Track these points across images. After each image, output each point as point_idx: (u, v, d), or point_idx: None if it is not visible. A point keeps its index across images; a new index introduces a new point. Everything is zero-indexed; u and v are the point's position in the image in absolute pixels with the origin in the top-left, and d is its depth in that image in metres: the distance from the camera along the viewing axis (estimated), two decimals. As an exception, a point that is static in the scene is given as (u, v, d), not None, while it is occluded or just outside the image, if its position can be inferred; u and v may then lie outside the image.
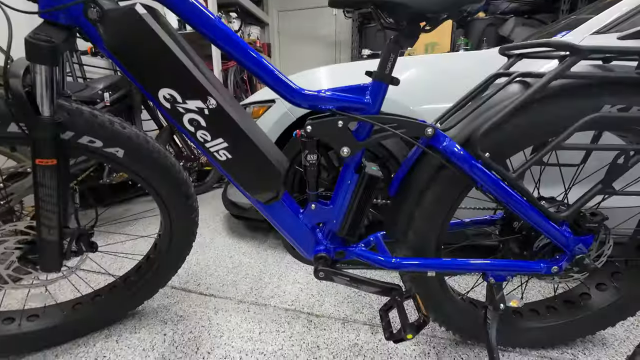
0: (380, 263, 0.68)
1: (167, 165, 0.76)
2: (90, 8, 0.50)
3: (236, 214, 1.48)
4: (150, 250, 0.91)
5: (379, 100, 0.59)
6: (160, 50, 0.51)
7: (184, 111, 0.55)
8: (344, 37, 3.86)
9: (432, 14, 0.49)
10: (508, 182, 0.58)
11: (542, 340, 0.82)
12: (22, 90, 0.50)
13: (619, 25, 0.98)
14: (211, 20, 0.53)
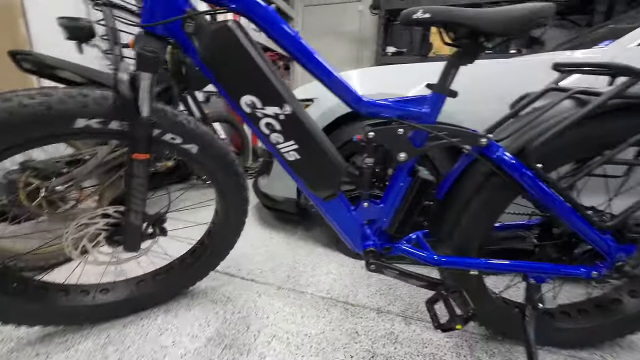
0: (425, 260, 0.73)
1: (230, 161, 0.83)
2: (188, 22, 0.56)
3: (270, 205, 1.56)
4: (204, 236, 0.99)
5: (437, 110, 0.63)
6: (247, 62, 0.57)
7: (262, 116, 0.62)
8: (368, 34, 3.84)
9: (496, 35, 0.53)
10: (558, 191, 0.62)
11: (572, 341, 0.86)
12: (130, 93, 0.57)
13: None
14: (290, 36, 0.59)
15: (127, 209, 0.68)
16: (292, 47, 0.59)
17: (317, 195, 0.71)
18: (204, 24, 0.56)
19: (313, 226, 1.67)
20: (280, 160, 0.68)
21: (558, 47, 1.55)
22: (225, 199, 0.88)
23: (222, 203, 0.89)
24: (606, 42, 1.08)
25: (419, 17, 0.56)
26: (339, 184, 0.68)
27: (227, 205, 0.89)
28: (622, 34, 1.04)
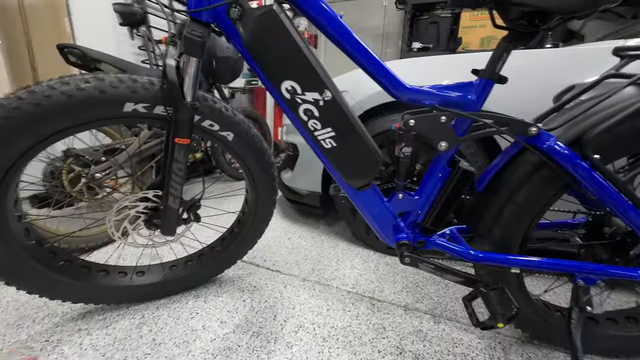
0: (462, 255, 0.70)
1: (262, 149, 0.84)
2: (233, 8, 0.57)
3: (293, 199, 1.57)
4: (234, 225, 1.01)
5: (484, 97, 0.61)
6: (291, 46, 0.57)
7: (302, 102, 0.61)
8: (392, 29, 3.77)
9: (560, 13, 0.49)
10: (616, 185, 0.57)
11: (617, 349, 0.80)
12: (176, 78, 0.59)
13: None
14: (335, 19, 0.58)
15: (165, 193, 0.70)
16: (335, 29, 0.58)
17: (352, 185, 0.70)
18: (248, 10, 0.57)
19: (336, 221, 1.66)
20: (315, 148, 0.67)
21: (602, 39, 1.45)
22: (256, 187, 0.88)
23: (252, 192, 0.90)
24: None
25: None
26: (375, 173, 0.67)
27: (257, 195, 0.90)
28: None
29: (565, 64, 0.97)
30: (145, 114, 0.63)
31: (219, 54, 1.60)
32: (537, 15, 0.51)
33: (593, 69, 0.93)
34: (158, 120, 0.65)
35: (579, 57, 0.98)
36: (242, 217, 0.99)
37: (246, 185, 0.92)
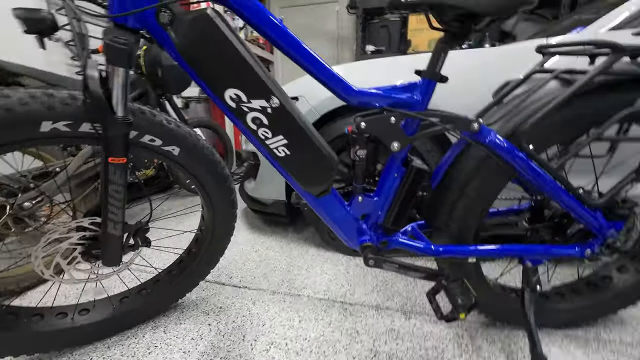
0: (423, 251, 0.72)
1: (215, 161, 0.79)
2: (162, 12, 0.52)
3: (258, 209, 1.52)
4: (192, 244, 0.94)
5: (428, 97, 0.62)
6: (230, 53, 0.54)
7: (248, 110, 0.58)
8: (346, 33, 3.87)
9: (487, 15, 0.52)
10: (549, 171, 0.62)
11: (567, 321, 0.87)
12: (101, 92, 0.52)
13: (630, 22, 1.02)
14: (274, 23, 0.56)
15: (104, 220, 0.63)
16: (278, 35, 0.56)
17: (310, 192, 0.68)
18: (180, 13, 0.53)
19: (304, 227, 1.63)
20: (269, 157, 0.65)
21: (532, 36, 1.61)
22: (213, 203, 0.83)
23: (209, 208, 0.84)
24: (578, 28, 1.12)
25: (407, 0, 0.55)
26: (332, 178, 0.66)
27: (214, 210, 0.85)
28: (594, 20, 1.08)
29: (500, 61, 1.05)
30: (68, 133, 0.55)
31: (165, 62, 1.51)
32: (468, 17, 0.54)
33: (524, 65, 1.02)
34: (86, 139, 0.58)
35: (510, 55, 1.07)
36: (200, 235, 0.92)
37: (201, 202, 0.86)
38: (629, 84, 0.59)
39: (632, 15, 1.03)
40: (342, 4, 3.74)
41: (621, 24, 1.03)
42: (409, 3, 0.54)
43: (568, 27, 1.24)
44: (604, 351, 0.82)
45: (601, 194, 0.67)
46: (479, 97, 1.03)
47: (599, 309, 0.87)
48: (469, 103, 1.04)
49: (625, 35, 1.00)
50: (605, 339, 0.85)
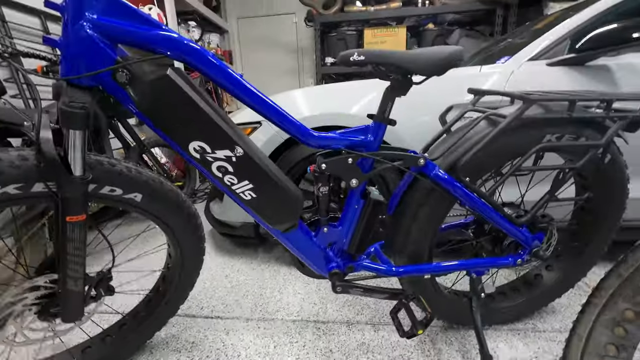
0: (386, 273, 0.79)
1: (178, 201, 0.79)
2: (119, 72, 0.53)
3: (226, 232, 1.50)
4: (159, 283, 0.92)
5: (379, 137, 0.70)
6: (192, 110, 0.56)
7: (213, 160, 0.61)
8: (306, 45, 3.94)
9: (421, 75, 0.61)
10: (483, 198, 0.72)
11: (509, 317, 1.01)
12: (55, 152, 0.51)
13: (547, 53, 1.21)
14: (232, 76, 0.58)
15: (62, 278, 0.60)
16: (239, 90, 0.59)
17: (277, 229, 0.72)
18: (138, 74, 0.53)
19: (274, 246, 1.65)
20: (236, 200, 0.67)
21: (470, 59, 1.80)
22: (179, 241, 0.83)
23: (176, 246, 0.84)
24: (505, 57, 1.28)
25: (355, 59, 0.61)
26: (297, 215, 0.70)
27: (182, 248, 0.84)
28: (518, 49, 1.25)
29: (442, 88, 1.18)
30: (19, 195, 0.53)
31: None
32: (407, 73, 0.62)
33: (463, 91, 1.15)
34: (40, 198, 0.56)
35: (450, 81, 1.20)
36: (167, 272, 0.91)
37: (167, 240, 0.85)
38: (539, 124, 0.71)
39: (547, 46, 1.21)
40: (299, 16, 3.81)
41: (538, 54, 1.21)
42: (358, 61, 0.61)
43: (500, 53, 1.41)
44: (540, 340, 0.95)
45: (526, 211, 0.79)
46: (433, 116, 1.14)
47: (534, 303, 1.01)
48: (426, 120, 1.16)
49: (541, 65, 1.18)
50: (540, 329, 1.00)
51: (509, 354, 0.90)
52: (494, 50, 1.60)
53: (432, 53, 0.59)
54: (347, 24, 3.44)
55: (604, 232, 0.90)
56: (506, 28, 2.94)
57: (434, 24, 3.20)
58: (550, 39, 1.21)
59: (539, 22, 1.58)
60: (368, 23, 3.36)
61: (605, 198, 0.85)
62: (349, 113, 1.22)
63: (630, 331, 0.68)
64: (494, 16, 2.95)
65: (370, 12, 3.17)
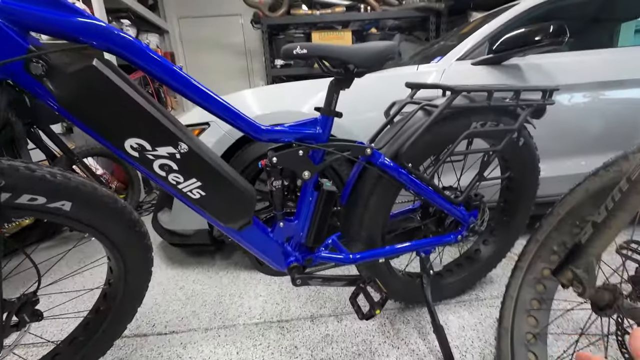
0: (343, 261, 0.82)
1: (117, 207, 0.72)
2: (33, 63, 0.47)
3: (178, 242, 1.41)
4: (100, 302, 0.83)
5: (328, 130, 0.72)
6: (124, 103, 0.51)
7: (154, 158, 0.57)
8: (254, 46, 3.89)
9: (361, 67, 0.65)
10: (425, 182, 0.79)
11: (457, 291, 1.11)
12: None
13: (472, 53, 1.37)
14: (174, 70, 0.56)
15: (-29, 305, 0.51)
16: (183, 85, 0.56)
17: (231, 227, 0.70)
18: (58, 64, 0.48)
19: (232, 251, 1.59)
20: (183, 200, 0.64)
21: (410, 59, 1.96)
22: (121, 253, 0.75)
23: (117, 259, 0.76)
24: (438, 57, 1.42)
25: (298, 52, 0.62)
26: (251, 211, 0.69)
27: (124, 260, 0.77)
28: (448, 51, 1.39)
29: (384, 86, 1.26)
30: None
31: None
32: (349, 66, 0.65)
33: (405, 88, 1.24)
34: None
35: (393, 80, 1.29)
36: (108, 289, 0.82)
37: (106, 253, 0.77)
38: (466, 112, 0.81)
39: (471, 48, 1.36)
40: (245, 18, 3.74)
41: (464, 55, 1.36)
42: (301, 54, 0.62)
43: (434, 54, 1.55)
44: (482, 307, 1.07)
45: (461, 192, 0.88)
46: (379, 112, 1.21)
47: (475, 275, 1.13)
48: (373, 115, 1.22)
49: (467, 64, 1.33)
50: (482, 297, 1.12)
51: (457, 322, 0.99)
52: (429, 52, 1.76)
53: (370, 47, 0.63)
54: (295, 26, 3.48)
55: (525, 207, 1.05)
56: (439, 33, 3.25)
57: (377, 29, 3.40)
58: (473, 41, 1.37)
59: (465, 28, 1.78)
60: (315, 26, 3.44)
61: (523, 177, 0.99)
62: (301, 111, 1.23)
63: (548, 286, 0.80)
64: (428, 23, 3.25)
65: (316, 15, 3.25)
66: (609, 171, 0.64)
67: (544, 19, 1.41)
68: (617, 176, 0.62)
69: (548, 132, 1.32)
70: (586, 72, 1.32)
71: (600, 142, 1.37)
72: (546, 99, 0.83)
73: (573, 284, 0.56)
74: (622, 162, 0.61)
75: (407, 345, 0.92)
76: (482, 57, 1.30)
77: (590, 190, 0.67)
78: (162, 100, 2.99)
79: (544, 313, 0.79)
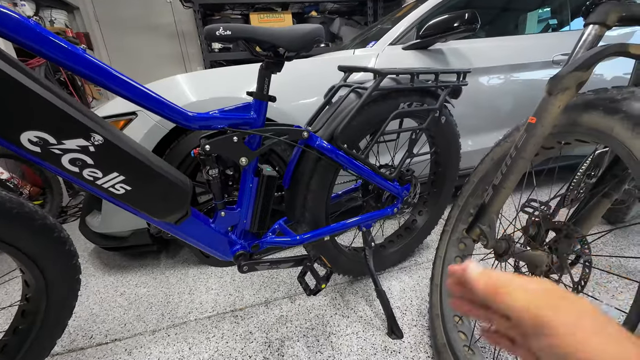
0: (290, 243, 0.84)
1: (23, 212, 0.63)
2: None
3: (113, 246, 1.29)
4: (17, 321, 0.73)
5: (262, 114, 0.71)
6: (12, 90, 0.44)
7: (62, 152, 0.50)
8: (187, 28, 3.57)
9: (289, 50, 0.65)
10: (360, 161, 0.84)
11: (398, 259, 1.22)
12: None
13: (402, 38, 1.45)
14: (76, 53, 0.49)
15: None
16: (86, 68, 0.50)
17: (167, 221, 0.66)
18: None
19: (178, 249, 1.51)
20: (106, 197, 0.58)
21: (349, 43, 2.00)
22: (38, 264, 0.67)
23: (32, 271, 0.67)
24: (373, 42, 1.48)
25: (222, 34, 0.60)
26: (187, 203, 0.66)
27: (42, 271, 0.68)
28: (381, 36, 1.46)
29: (323, 70, 1.28)
30: None
31: None
32: (277, 49, 0.65)
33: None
34: None
35: (331, 63, 1.31)
36: (26, 305, 0.73)
37: (18, 265, 0.68)
38: (394, 94, 0.87)
39: (401, 33, 1.45)
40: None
41: (395, 40, 1.44)
42: (224, 36, 0.60)
43: (370, 38, 1.61)
44: (420, 270, 1.20)
45: (394, 169, 0.96)
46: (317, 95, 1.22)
47: (413, 243, 1.25)
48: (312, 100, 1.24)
49: (398, 49, 1.41)
50: (419, 262, 1.25)
51: (398, 286, 1.10)
52: (367, 36, 1.82)
53: (297, 29, 0.64)
54: (231, 7, 3.27)
55: (450, 178, 1.18)
56: (376, 18, 3.35)
57: (317, 12, 3.38)
58: (402, 27, 1.46)
59: (399, 12, 1.87)
60: (253, 7, 3.28)
61: (447, 151, 1.11)
62: (240, 97, 1.19)
63: (467, 244, 0.92)
64: (366, 7, 3.33)
65: (254, -5, 3.10)
66: (507, 141, 0.75)
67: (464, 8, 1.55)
68: (512, 145, 0.74)
69: (468, 111, 1.48)
70: (497, 56, 1.51)
71: (511, 118, 1.59)
72: (460, 81, 0.93)
73: (480, 238, 0.66)
74: (515, 133, 0.73)
75: (356, 313, 0.99)
76: (410, 42, 1.39)
77: (495, 159, 0.79)
78: (80, 88, 2.60)
79: (465, 267, 0.93)
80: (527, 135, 0.58)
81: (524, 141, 0.59)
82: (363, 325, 0.94)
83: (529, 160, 0.60)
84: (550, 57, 1.56)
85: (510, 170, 0.61)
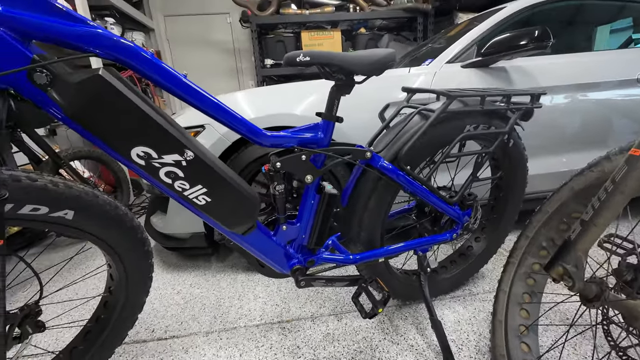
0: (345, 261, 0.84)
1: (118, 214, 0.71)
2: (37, 72, 0.46)
3: (174, 246, 1.40)
4: (100, 310, 0.82)
5: (329, 134, 0.73)
6: (131, 112, 0.51)
7: (160, 166, 0.57)
8: (243, 46, 3.85)
9: (362, 75, 0.67)
10: (422, 183, 0.82)
11: (450, 286, 1.15)
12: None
13: (460, 56, 1.41)
14: (172, 74, 0.56)
15: (-26, 319, 0.50)
16: (182, 90, 0.56)
17: (235, 232, 0.71)
18: (62, 74, 0.47)
19: (227, 253, 1.59)
20: (188, 206, 0.64)
21: (400, 61, 1.99)
22: (123, 260, 0.75)
23: (118, 266, 0.75)
24: (429, 60, 1.46)
25: (301, 60, 0.64)
26: (255, 216, 0.70)
27: (125, 267, 0.76)
28: (438, 53, 1.43)
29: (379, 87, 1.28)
30: None
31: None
32: (350, 73, 0.67)
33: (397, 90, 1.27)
34: None
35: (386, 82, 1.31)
36: (109, 297, 0.81)
37: (107, 260, 0.76)
38: (460, 116, 0.84)
39: (460, 51, 1.41)
40: (233, 16, 3.70)
41: (454, 58, 1.40)
42: (304, 62, 0.63)
43: (424, 56, 1.59)
44: (475, 302, 1.11)
45: (456, 192, 0.92)
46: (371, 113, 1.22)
47: (468, 271, 1.17)
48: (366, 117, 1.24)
49: (457, 67, 1.37)
50: (475, 292, 1.16)
51: (452, 317, 1.04)
52: (419, 54, 1.80)
53: (371, 55, 0.65)
54: (284, 26, 3.46)
55: (514, 204, 1.10)
56: (426, 34, 3.31)
57: (365, 29, 3.43)
58: (462, 45, 1.42)
59: (452, 30, 1.83)
60: (304, 26, 3.44)
61: (512, 176, 1.03)
62: (295, 113, 1.24)
63: (538, 280, 0.84)
64: (415, 23, 3.31)
65: (305, 15, 3.25)
66: (592, 171, 0.68)
67: (527, 23, 1.47)
68: (600, 176, 0.67)
69: (533, 132, 1.38)
70: (566, 75, 1.39)
71: (579, 140, 1.44)
72: (534, 103, 0.88)
73: (563, 278, 0.60)
74: (605, 162, 0.66)
75: (406, 341, 0.95)
76: (471, 60, 1.34)
77: (575, 189, 0.72)
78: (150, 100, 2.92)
79: (535, 306, 0.84)
80: (629, 168, 0.52)
81: (624, 174, 0.53)
82: (415, 355, 0.89)
83: (628, 197, 0.53)
84: (634, 75, 1.40)
85: (605, 206, 0.55)
